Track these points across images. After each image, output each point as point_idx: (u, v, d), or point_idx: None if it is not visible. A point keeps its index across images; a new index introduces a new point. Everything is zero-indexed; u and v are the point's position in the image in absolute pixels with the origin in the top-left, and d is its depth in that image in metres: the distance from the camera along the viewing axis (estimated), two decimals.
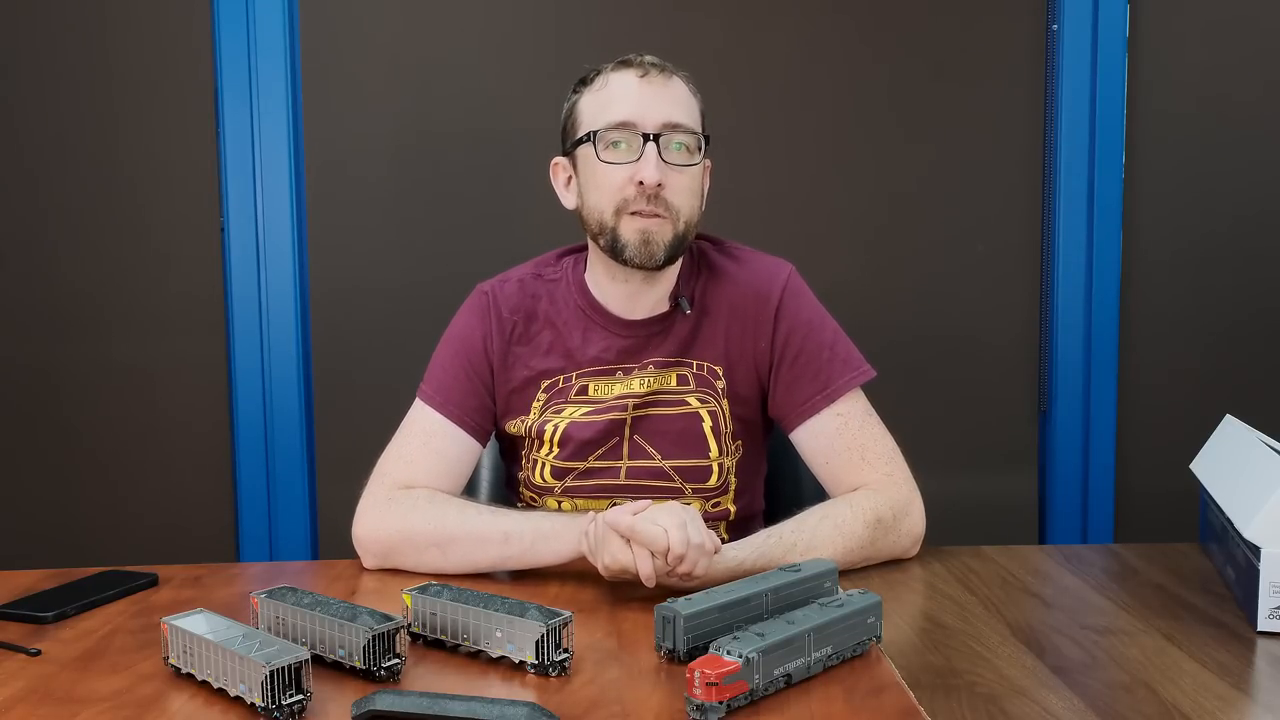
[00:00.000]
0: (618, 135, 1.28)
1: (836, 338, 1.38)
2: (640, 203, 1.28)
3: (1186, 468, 1.36)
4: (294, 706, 0.87)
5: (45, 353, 2.13)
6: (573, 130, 1.35)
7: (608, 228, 1.30)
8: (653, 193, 1.27)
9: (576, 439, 1.36)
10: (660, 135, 1.28)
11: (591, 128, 1.30)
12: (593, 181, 1.31)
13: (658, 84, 1.30)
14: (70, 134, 2.10)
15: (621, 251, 1.30)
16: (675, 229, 1.30)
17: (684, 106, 1.31)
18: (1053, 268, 2.19)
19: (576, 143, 1.33)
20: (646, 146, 1.27)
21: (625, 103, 1.29)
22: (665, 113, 1.29)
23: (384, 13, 2.09)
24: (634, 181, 1.27)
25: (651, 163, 1.26)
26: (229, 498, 2.15)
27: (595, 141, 1.29)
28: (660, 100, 1.29)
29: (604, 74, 1.32)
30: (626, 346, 1.37)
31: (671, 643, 0.98)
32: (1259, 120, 2.18)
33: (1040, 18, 2.15)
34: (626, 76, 1.31)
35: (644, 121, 1.28)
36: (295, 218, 2.10)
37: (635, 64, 1.31)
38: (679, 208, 1.29)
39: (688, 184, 1.31)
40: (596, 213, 1.31)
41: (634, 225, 1.29)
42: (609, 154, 1.29)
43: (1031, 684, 0.94)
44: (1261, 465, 1.18)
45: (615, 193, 1.29)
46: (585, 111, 1.33)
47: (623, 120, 1.28)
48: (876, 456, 1.34)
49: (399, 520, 1.28)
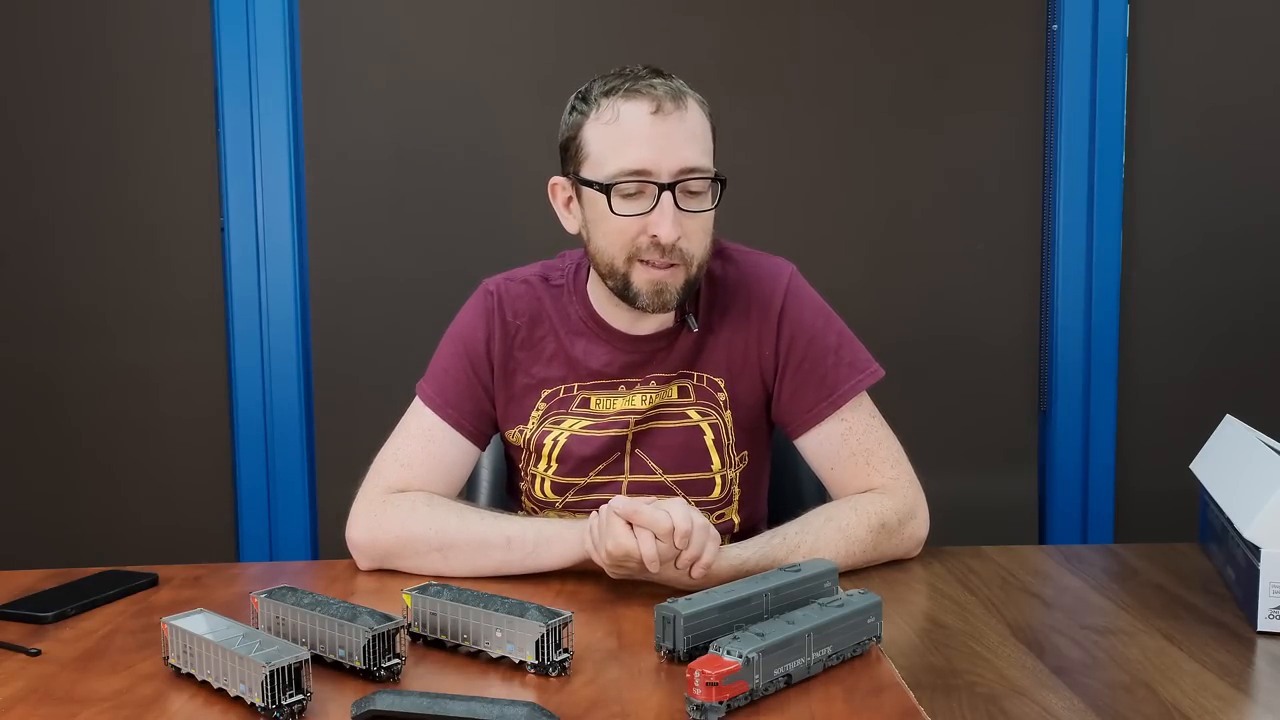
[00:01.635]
0: (631, 186, 1.21)
1: (841, 340, 1.35)
2: (654, 253, 1.22)
3: (1186, 468, 1.35)
4: (294, 706, 0.87)
5: (46, 353, 2.13)
6: (577, 158, 1.26)
7: (619, 273, 1.25)
8: (669, 247, 1.22)
9: (577, 455, 1.34)
10: (676, 184, 1.21)
11: (601, 172, 1.22)
12: (602, 229, 1.25)
13: (672, 121, 1.21)
14: (70, 135, 2.10)
15: (634, 299, 1.25)
16: (688, 274, 1.25)
17: (700, 144, 1.23)
18: (1053, 268, 2.19)
19: (584, 181, 1.25)
20: (662, 197, 1.20)
21: (640, 147, 1.20)
22: (681, 157, 1.21)
23: (384, 12, 2.09)
24: (648, 234, 1.21)
25: (669, 218, 1.20)
26: (229, 498, 2.16)
27: (608, 192, 1.21)
28: (675, 141, 1.21)
29: (612, 102, 1.22)
30: (630, 361, 1.34)
31: (671, 643, 0.98)
32: (1259, 120, 2.18)
33: (1040, 18, 2.15)
34: (638, 111, 1.20)
35: (659, 170, 1.20)
36: (295, 218, 2.11)
37: (646, 94, 1.21)
38: (693, 254, 1.24)
39: (701, 226, 1.24)
40: (606, 256, 1.25)
41: (647, 275, 1.23)
42: (621, 205, 1.22)
43: (1031, 684, 0.94)
44: (1261, 465, 1.18)
45: (628, 242, 1.23)
46: (592, 145, 1.24)
47: (636, 169, 1.20)
48: (881, 461, 1.33)
49: (397, 525, 1.27)
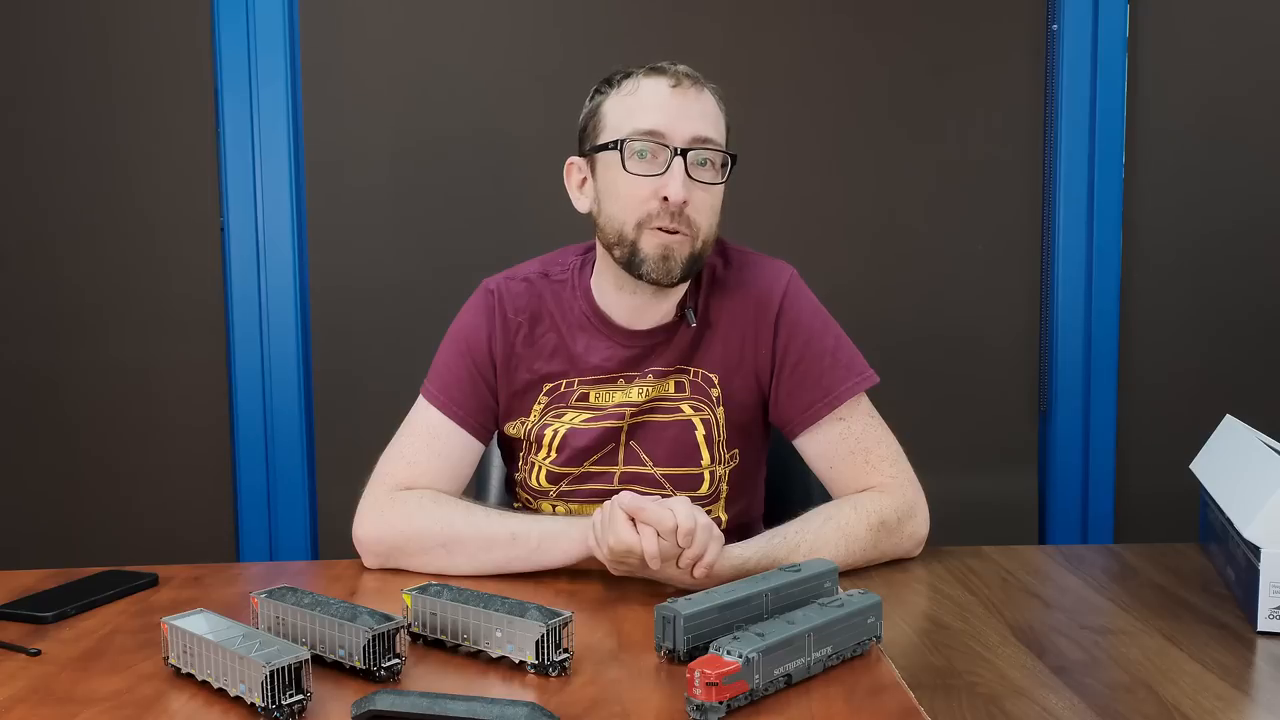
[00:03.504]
0: (645, 144, 1.24)
1: (839, 343, 1.36)
2: (664, 218, 1.24)
3: (1186, 468, 1.36)
4: (294, 706, 0.87)
5: (46, 353, 2.13)
6: (594, 132, 1.30)
7: (627, 240, 1.26)
8: (677, 209, 1.23)
9: (574, 445, 1.35)
10: (688, 150, 1.24)
11: (618, 133, 1.26)
12: (613, 190, 1.27)
13: (690, 95, 1.26)
14: (70, 134, 2.10)
15: (639, 266, 1.26)
16: (694, 247, 1.26)
17: (713, 121, 1.27)
18: (1053, 268, 2.19)
19: (599, 147, 1.28)
20: (674, 161, 1.23)
21: (655, 111, 1.24)
22: (695, 126, 1.25)
23: (384, 12, 2.09)
24: (658, 196, 1.24)
25: (679, 179, 1.23)
26: (229, 498, 2.16)
27: (621, 149, 1.25)
28: (690, 113, 1.25)
29: (634, 78, 1.27)
30: (629, 356, 1.35)
31: (671, 643, 0.98)
32: (1259, 120, 2.18)
33: (1040, 18, 2.15)
34: (658, 84, 1.26)
35: (673, 134, 1.24)
36: (295, 218, 2.10)
37: (668, 72, 1.26)
38: (700, 225, 1.26)
39: (710, 202, 1.27)
40: (616, 223, 1.27)
41: (655, 240, 1.25)
42: (635, 164, 1.24)
43: (1031, 684, 0.94)
44: (1261, 465, 1.18)
45: (639, 205, 1.25)
46: (611, 115, 1.28)
47: (651, 129, 1.24)
48: (880, 460, 1.33)
49: (403, 522, 1.28)
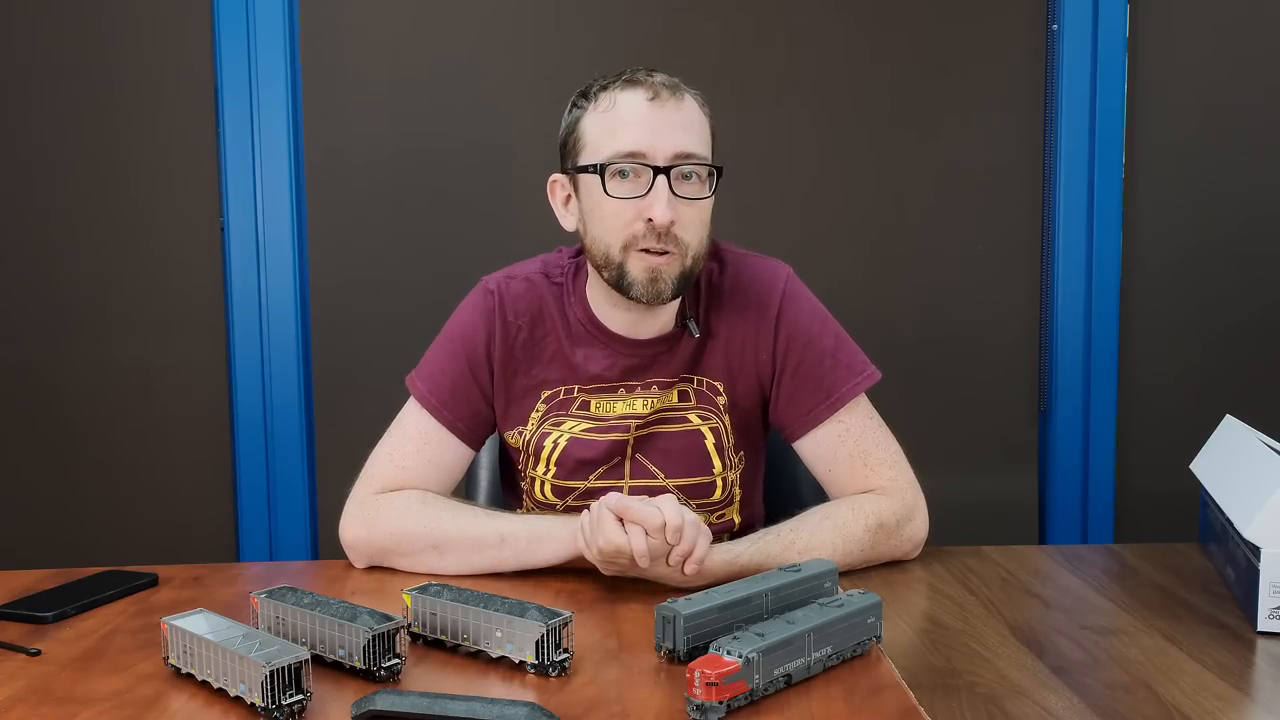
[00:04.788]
0: (626, 166, 1.21)
1: (839, 343, 1.35)
2: (650, 240, 1.21)
3: (1186, 468, 1.35)
4: (294, 706, 0.87)
5: (46, 353, 2.13)
6: (574, 150, 1.27)
7: (614, 262, 1.24)
8: (663, 230, 1.20)
9: (577, 458, 1.33)
10: (671, 168, 1.21)
11: (597, 156, 1.23)
12: (598, 214, 1.24)
13: (669, 108, 1.22)
14: (70, 134, 2.10)
15: (628, 289, 1.24)
16: (683, 265, 1.24)
17: (696, 133, 1.23)
18: (1053, 268, 2.19)
19: (580, 168, 1.25)
20: (657, 180, 1.20)
21: (634, 130, 1.21)
22: (677, 142, 1.21)
23: (383, 13, 2.09)
24: (643, 218, 1.21)
25: (663, 199, 1.19)
26: (229, 498, 2.16)
27: (602, 173, 1.22)
28: (671, 127, 1.21)
29: (610, 92, 1.23)
30: (631, 366, 1.33)
31: (671, 643, 0.98)
32: (1259, 120, 2.18)
33: (1040, 18, 2.15)
34: (635, 98, 1.22)
35: (654, 152, 1.20)
36: (295, 218, 2.11)
37: (645, 84, 1.22)
38: (688, 242, 1.23)
39: (698, 216, 1.24)
40: (602, 245, 1.25)
41: (642, 263, 1.22)
42: (616, 186, 1.21)
43: (1031, 684, 0.94)
44: (1261, 465, 1.18)
45: (623, 228, 1.22)
46: (590, 133, 1.24)
47: (631, 150, 1.20)
48: (880, 462, 1.32)
49: (391, 523, 1.27)
